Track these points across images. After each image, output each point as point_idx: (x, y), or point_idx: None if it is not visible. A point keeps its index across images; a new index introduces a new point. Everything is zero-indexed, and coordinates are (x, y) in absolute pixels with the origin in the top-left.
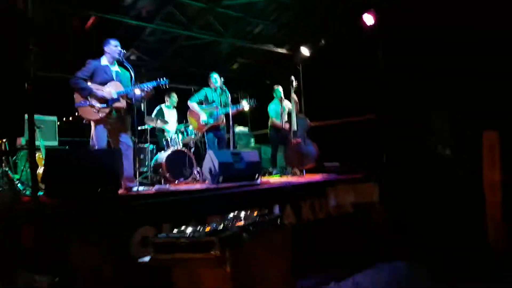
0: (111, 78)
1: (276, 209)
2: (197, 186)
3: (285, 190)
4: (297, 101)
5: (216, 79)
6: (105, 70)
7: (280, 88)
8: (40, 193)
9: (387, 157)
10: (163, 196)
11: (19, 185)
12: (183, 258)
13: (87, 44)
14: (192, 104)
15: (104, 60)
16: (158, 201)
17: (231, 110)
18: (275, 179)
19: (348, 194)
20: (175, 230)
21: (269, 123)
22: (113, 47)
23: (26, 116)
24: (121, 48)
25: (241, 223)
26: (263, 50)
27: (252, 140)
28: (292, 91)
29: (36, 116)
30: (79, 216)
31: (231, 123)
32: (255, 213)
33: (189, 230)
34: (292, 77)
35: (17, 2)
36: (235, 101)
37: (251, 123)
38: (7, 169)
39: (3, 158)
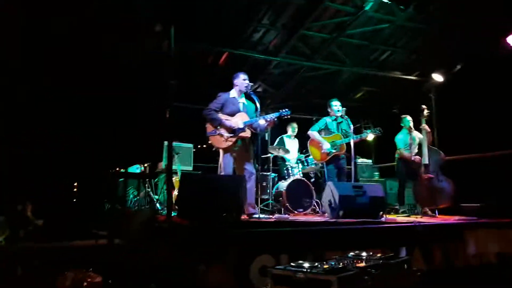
0: (239, 109)
1: (403, 252)
2: (316, 218)
3: (414, 230)
4: (429, 131)
5: (336, 106)
6: (233, 102)
7: (408, 118)
8: (174, 213)
9: None
10: (282, 226)
11: (157, 205)
12: None
13: (221, 78)
14: (313, 133)
15: (233, 93)
16: (277, 230)
17: (353, 140)
18: (402, 218)
19: (492, 241)
20: (293, 263)
21: (396, 155)
22: (242, 80)
23: (165, 143)
24: (249, 81)
25: (362, 264)
26: (390, 77)
27: (377, 173)
28: (423, 120)
29: (174, 143)
30: (205, 238)
31: (352, 153)
32: (379, 255)
33: (307, 264)
34: (423, 106)
35: (161, 45)
36: (358, 131)
37: (376, 154)
38: (149, 189)
39: (146, 180)
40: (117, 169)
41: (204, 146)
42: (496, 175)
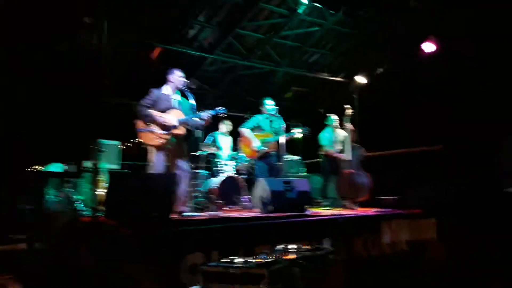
0: (173, 106)
1: (327, 243)
2: (247, 213)
3: (336, 222)
4: (353, 129)
5: (268, 105)
6: (166, 99)
7: (333, 116)
8: (100, 214)
9: (450, 191)
10: (213, 223)
11: (81, 205)
12: None
13: (153, 73)
14: (244, 130)
15: (166, 89)
16: (208, 228)
17: (284, 138)
18: (325, 211)
19: (404, 231)
20: (225, 260)
21: (321, 152)
22: (177, 77)
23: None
24: (185, 77)
25: (292, 256)
26: (318, 78)
27: (303, 169)
28: (347, 119)
29: (100, 140)
30: (133, 238)
31: (282, 150)
32: (306, 247)
33: (239, 260)
34: (347, 106)
35: (92, 38)
36: (288, 129)
37: (303, 151)
38: (72, 189)
39: (65, 179)
40: (36, 167)
41: (132, 144)
42: (410, 170)
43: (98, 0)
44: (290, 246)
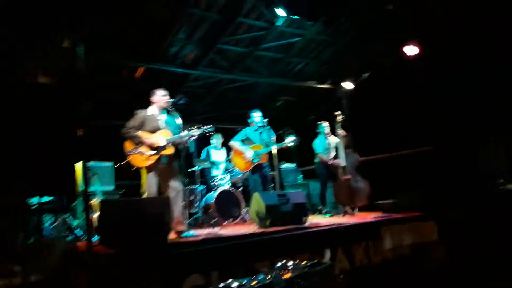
0: (159, 127)
1: (327, 254)
2: (245, 229)
3: (335, 232)
4: (345, 135)
5: (256, 117)
6: (152, 119)
7: (324, 124)
8: (95, 238)
9: (444, 192)
10: (211, 243)
11: (78, 230)
12: None
13: (137, 92)
14: (234, 143)
15: (151, 110)
16: (205, 248)
17: (275, 148)
18: (325, 219)
19: (405, 235)
20: (222, 284)
21: (316, 159)
22: (160, 97)
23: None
24: (169, 96)
25: (289, 274)
26: (306, 87)
27: (300, 176)
28: (338, 126)
29: (91, 163)
30: (131, 266)
31: (276, 160)
32: (304, 262)
33: (235, 284)
34: (337, 112)
35: (68, 59)
36: (280, 139)
37: (299, 158)
38: (68, 215)
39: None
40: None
41: (124, 163)
42: (405, 172)
43: (75, 24)
44: (289, 263)
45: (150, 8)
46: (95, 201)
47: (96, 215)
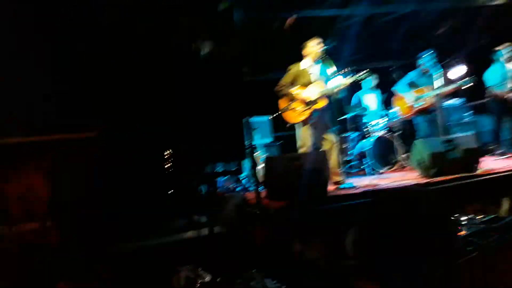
0: (312, 80)
1: (505, 204)
2: (406, 178)
3: None
4: None
5: (427, 59)
6: (304, 74)
7: (503, 49)
8: (261, 188)
9: None
10: (367, 196)
11: (245, 181)
12: None
13: (290, 44)
14: (398, 89)
15: (304, 63)
16: (362, 202)
17: (443, 91)
18: (500, 162)
19: None
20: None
21: (489, 94)
22: (311, 48)
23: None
24: (322, 43)
25: (463, 232)
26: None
27: (466, 114)
28: None
29: (250, 119)
30: (298, 217)
31: (442, 103)
32: (479, 216)
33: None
34: None
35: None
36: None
37: (469, 92)
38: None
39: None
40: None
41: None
42: None
43: None
44: (462, 218)
45: None
46: (256, 154)
47: (259, 167)
